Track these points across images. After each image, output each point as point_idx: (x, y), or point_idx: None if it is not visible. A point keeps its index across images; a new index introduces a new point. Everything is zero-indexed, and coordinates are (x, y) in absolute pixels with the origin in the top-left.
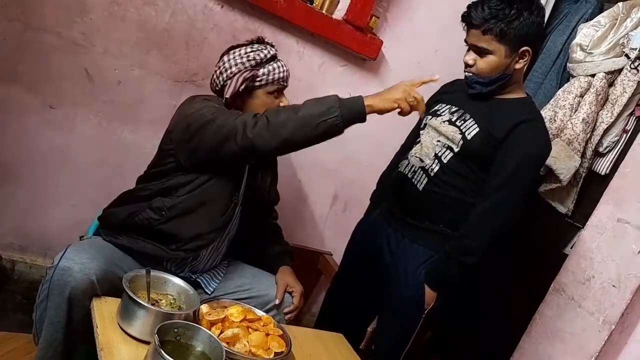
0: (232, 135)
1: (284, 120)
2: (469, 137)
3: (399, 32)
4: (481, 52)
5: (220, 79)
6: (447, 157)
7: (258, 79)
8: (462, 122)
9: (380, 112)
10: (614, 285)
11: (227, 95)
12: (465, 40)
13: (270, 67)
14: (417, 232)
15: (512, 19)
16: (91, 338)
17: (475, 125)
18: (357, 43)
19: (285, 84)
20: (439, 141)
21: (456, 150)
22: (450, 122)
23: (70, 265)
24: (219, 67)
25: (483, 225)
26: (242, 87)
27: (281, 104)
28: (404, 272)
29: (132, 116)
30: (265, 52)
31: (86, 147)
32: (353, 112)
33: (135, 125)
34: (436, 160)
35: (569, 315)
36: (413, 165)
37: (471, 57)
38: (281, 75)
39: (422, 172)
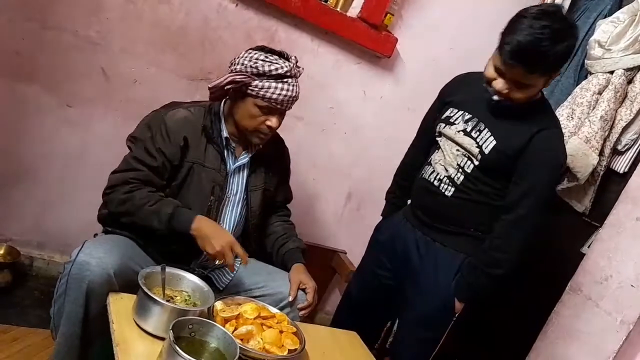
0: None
1: (123, 208)
2: (486, 152)
3: (414, 29)
4: (520, 86)
5: (229, 70)
6: (469, 167)
7: (250, 88)
8: (478, 133)
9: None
10: (632, 285)
11: (210, 85)
12: (495, 67)
13: (267, 84)
14: (448, 236)
15: (559, 57)
16: (107, 333)
17: (492, 138)
18: (372, 41)
19: (278, 106)
20: (458, 150)
21: (476, 163)
22: (466, 133)
23: (88, 260)
24: (234, 59)
25: (508, 237)
26: (229, 87)
27: (267, 123)
28: (434, 279)
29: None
30: (275, 67)
31: (103, 145)
32: (177, 229)
33: None
34: (460, 170)
35: (586, 315)
36: (438, 174)
37: (505, 87)
38: (276, 96)
39: (448, 180)
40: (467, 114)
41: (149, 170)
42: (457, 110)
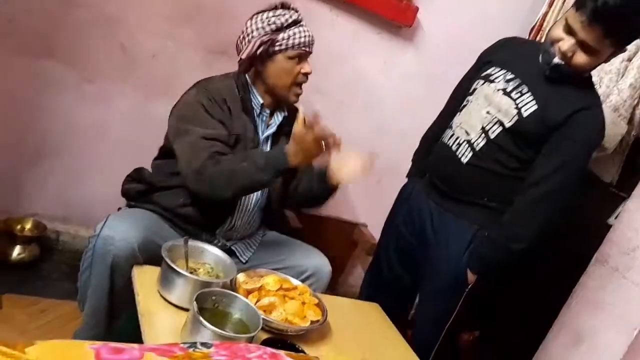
0: (185, 174)
1: (223, 182)
2: (524, 115)
3: None
4: (588, 50)
5: (243, 43)
6: (495, 132)
7: (277, 43)
8: (519, 95)
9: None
10: None
11: (243, 56)
12: (568, 24)
13: (291, 32)
14: (460, 206)
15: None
16: (133, 305)
17: (534, 102)
18: (392, 10)
19: (307, 49)
20: (488, 112)
21: (507, 125)
22: (505, 93)
23: (112, 234)
24: (242, 32)
25: (534, 213)
26: (260, 50)
27: (302, 70)
28: (445, 250)
29: (167, 89)
30: (287, 16)
31: (123, 120)
32: (279, 170)
33: (169, 98)
34: (483, 135)
35: (612, 287)
36: (458, 137)
37: (571, 49)
38: (302, 40)
39: (467, 145)
40: (509, 73)
41: (221, 142)
42: (499, 69)
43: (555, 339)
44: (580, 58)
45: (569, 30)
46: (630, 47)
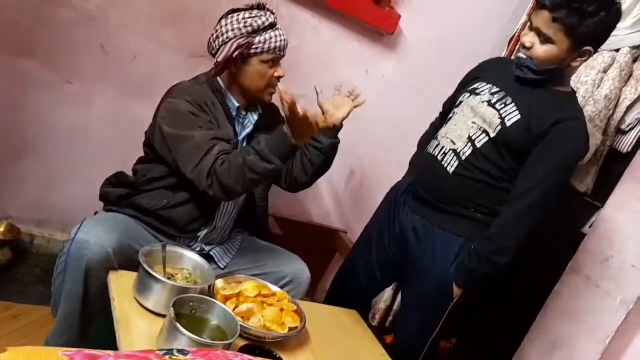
0: (198, 180)
1: (234, 179)
2: (508, 124)
3: (418, 5)
4: (543, 38)
5: (216, 42)
6: (481, 141)
7: (253, 46)
8: (503, 105)
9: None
10: (632, 265)
11: (219, 59)
12: (530, 19)
13: (267, 35)
14: (447, 217)
15: (587, 16)
16: (107, 311)
17: (517, 112)
18: (374, 17)
19: (281, 53)
20: (474, 122)
21: (492, 135)
22: (490, 104)
23: (86, 238)
24: (216, 31)
25: (519, 225)
26: (236, 53)
27: (276, 74)
28: (431, 260)
29: (148, 91)
30: (264, 19)
31: (103, 122)
32: (287, 154)
33: (150, 100)
34: (469, 144)
35: (586, 295)
36: (443, 147)
37: (530, 40)
38: (277, 44)
39: (452, 154)
40: (495, 87)
41: (223, 140)
42: (485, 83)
43: (531, 345)
44: (539, 49)
45: (531, 24)
46: (606, 59)
